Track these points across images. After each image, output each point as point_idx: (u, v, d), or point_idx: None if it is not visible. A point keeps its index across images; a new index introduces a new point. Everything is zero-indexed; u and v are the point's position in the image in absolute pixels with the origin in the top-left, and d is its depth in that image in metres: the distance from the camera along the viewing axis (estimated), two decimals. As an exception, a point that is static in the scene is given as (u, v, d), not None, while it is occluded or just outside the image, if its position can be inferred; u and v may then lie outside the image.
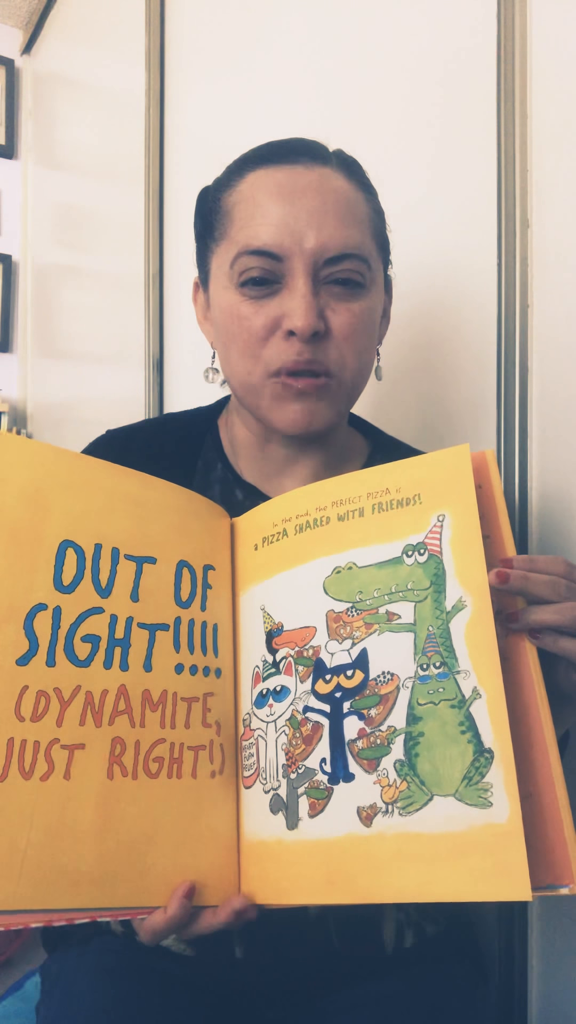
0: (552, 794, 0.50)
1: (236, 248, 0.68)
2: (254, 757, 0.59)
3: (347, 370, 0.69)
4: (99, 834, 0.51)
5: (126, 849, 0.52)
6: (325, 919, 0.68)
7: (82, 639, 0.54)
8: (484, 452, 0.60)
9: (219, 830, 0.57)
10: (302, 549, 0.61)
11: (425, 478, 0.58)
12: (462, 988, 0.69)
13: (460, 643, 0.53)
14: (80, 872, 0.50)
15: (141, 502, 0.60)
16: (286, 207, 0.66)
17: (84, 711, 0.53)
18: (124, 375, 1.66)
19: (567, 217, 0.79)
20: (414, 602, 0.55)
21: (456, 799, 0.49)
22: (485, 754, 0.50)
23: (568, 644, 0.54)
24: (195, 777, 0.57)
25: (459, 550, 0.55)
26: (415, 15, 0.96)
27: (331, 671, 0.57)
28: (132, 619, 0.57)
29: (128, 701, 0.55)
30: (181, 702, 0.58)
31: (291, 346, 0.67)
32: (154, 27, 1.51)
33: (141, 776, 0.54)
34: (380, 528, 0.58)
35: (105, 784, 0.52)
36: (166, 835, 0.54)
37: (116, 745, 0.54)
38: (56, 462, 0.58)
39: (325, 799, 0.54)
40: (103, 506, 0.58)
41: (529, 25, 0.82)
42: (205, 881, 0.55)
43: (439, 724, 0.52)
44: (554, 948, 0.82)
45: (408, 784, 0.51)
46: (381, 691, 0.54)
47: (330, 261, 0.66)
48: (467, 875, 0.48)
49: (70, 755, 0.52)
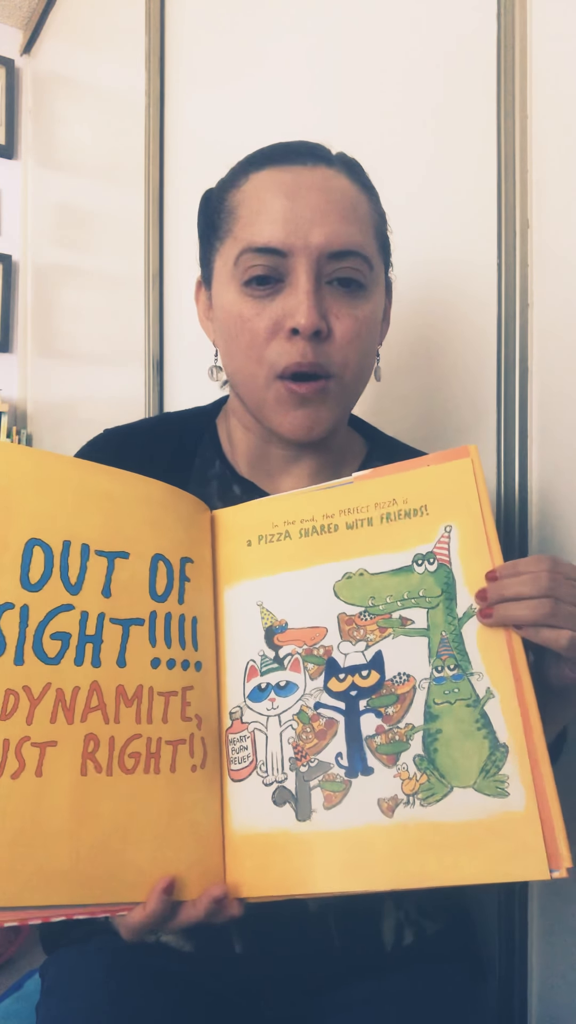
0: (541, 784, 0.53)
1: (240, 245, 0.68)
2: (248, 750, 0.60)
3: (349, 373, 0.69)
4: (73, 830, 0.51)
5: (102, 845, 0.52)
6: (325, 916, 0.68)
7: (51, 636, 0.54)
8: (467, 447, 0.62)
9: (201, 824, 0.57)
10: (309, 552, 0.63)
11: (431, 490, 0.62)
12: (462, 987, 0.70)
13: (472, 647, 0.57)
14: (54, 869, 0.50)
15: (112, 497, 0.60)
16: (290, 204, 0.67)
17: (55, 708, 0.53)
18: (124, 375, 1.66)
19: (567, 217, 0.79)
20: (427, 608, 0.59)
21: (475, 790, 0.53)
22: (501, 748, 0.54)
23: (548, 634, 0.55)
24: (174, 771, 0.57)
25: (467, 560, 0.59)
26: (415, 15, 0.96)
27: (345, 670, 0.59)
28: (104, 615, 0.57)
29: (101, 697, 0.55)
30: (158, 697, 0.58)
31: (294, 346, 0.67)
32: (154, 27, 1.51)
33: (116, 772, 0.54)
34: (389, 537, 0.62)
35: (79, 780, 0.53)
36: (144, 830, 0.54)
37: (89, 741, 0.54)
38: (21, 462, 0.57)
39: (343, 791, 0.56)
40: (72, 503, 0.58)
41: (529, 25, 0.82)
42: (186, 875, 0.55)
43: (456, 722, 0.56)
44: (554, 948, 0.83)
45: (428, 777, 0.55)
46: (398, 691, 0.58)
47: (333, 257, 0.67)
48: (488, 859, 0.52)
49: (41, 752, 0.52)
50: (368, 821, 0.55)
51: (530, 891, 0.85)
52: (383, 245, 0.73)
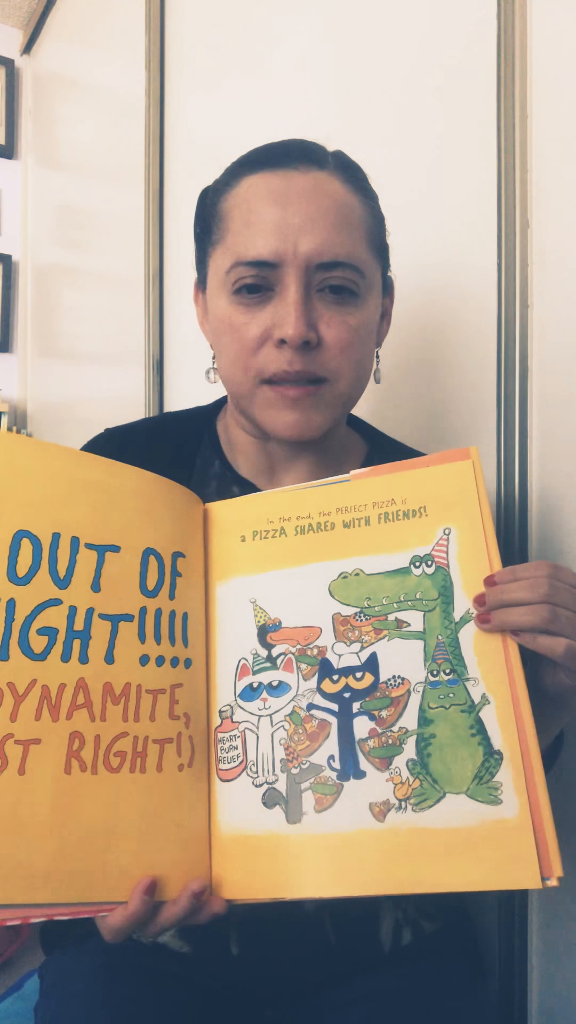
0: (535, 792, 0.52)
1: (231, 258, 0.68)
2: (238, 750, 0.59)
3: (343, 379, 0.69)
4: (55, 829, 0.51)
5: (85, 844, 0.52)
6: (321, 917, 0.68)
7: (38, 632, 0.53)
8: (468, 449, 0.62)
9: (187, 824, 0.56)
10: (304, 550, 0.63)
11: (431, 491, 0.61)
12: (461, 986, 0.70)
13: (469, 652, 0.57)
14: (35, 867, 0.50)
15: (104, 489, 0.59)
16: (280, 212, 0.66)
17: (40, 705, 0.52)
18: (124, 375, 1.66)
19: (567, 217, 0.79)
20: (423, 611, 0.58)
21: (468, 796, 0.53)
22: (495, 755, 0.54)
23: (545, 641, 0.55)
24: (160, 771, 0.56)
25: (465, 564, 0.59)
26: (415, 15, 0.96)
27: (339, 672, 0.59)
28: (93, 610, 0.56)
29: (88, 695, 0.54)
30: (146, 694, 0.57)
31: (282, 354, 0.66)
32: (154, 28, 1.51)
33: (101, 771, 0.53)
34: (386, 538, 0.61)
35: (62, 779, 0.52)
36: (128, 830, 0.53)
37: (74, 740, 0.53)
38: (11, 451, 0.56)
39: (334, 795, 0.55)
40: (62, 494, 0.57)
41: (529, 25, 0.82)
42: (170, 876, 0.54)
43: (450, 727, 0.55)
44: (554, 948, 0.83)
45: (421, 782, 0.54)
46: (392, 694, 0.57)
47: (323, 267, 0.66)
48: (480, 866, 0.51)
49: (25, 750, 0.51)
50: (359, 825, 0.54)
51: (530, 891, 0.85)
52: (379, 249, 0.72)
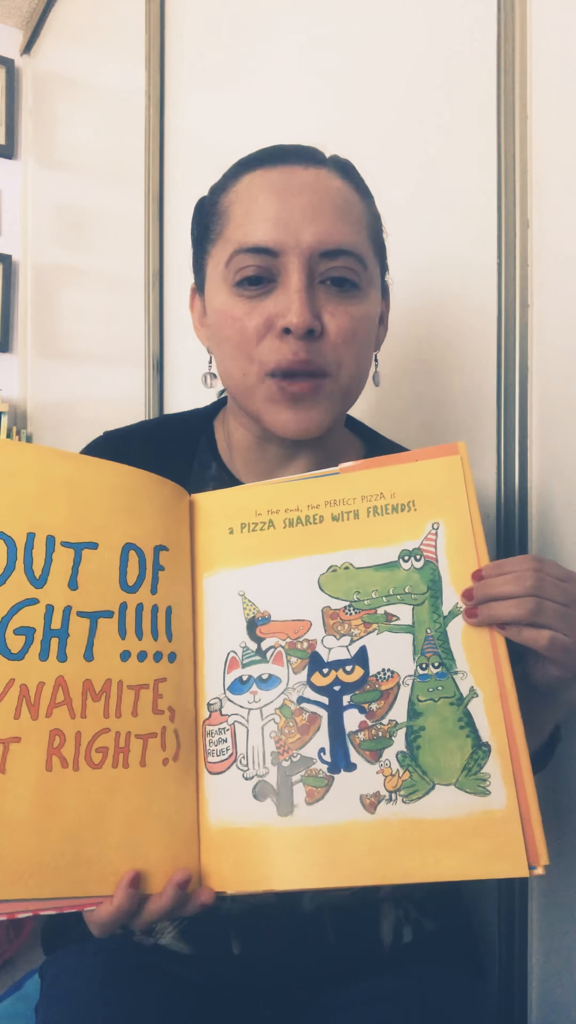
0: (522, 783, 0.54)
1: (232, 246, 0.68)
2: (227, 743, 0.59)
3: (344, 372, 0.69)
4: (38, 825, 0.51)
5: (68, 840, 0.52)
6: (321, 916, 0.68)
7: (15, 632, 0.54)
8: (456, 444, 0.63)
9: (173, 818, 0.57)
10: (293, 543, 0.63)
11: (419, 485, 0.62)
12: (461, 986, 0.70)
13: (457, 646, 0.58)
14: (19, 863, 0.50)
15: (80, 486, 0.59)
16: (282, 203, 0.66)
17: (19, 704, 0.53)
18: (124, 375, 1.66)
19: (567, 217, 0.79)
20: (412, 605, 0.59)
21: (456, 788, 0.54)
22: (483, 747, 0.55)
23: (530, 634, 0.56)
24: (144, 765, 0.56)
25: (454, 558, 0.59)
26: (415, 15, 0.96)
27: (329, 665, 0.59)
28: (71, 608, 0.56)
29: (67, 692, 0.55)
30: (128, 690, 0.57)
31: (286, 345, 0.66)
32: (154, 28, 1.51)
33: (83, 767, 0.54)
34: (375, 532, 0.61)
35: (43, 776, 0.52)
36: (112, 825, 0.54)
37: (55, 737, 0.53)
38: None
39: (325, 787, 0.56)
40: (35, 494, 0.57)
41: (529, 25, 0.82)
42: (156, 869, 0.54)
43: (439, 719, 0.56)
44: (554, 948, 0.82)
45: (411, 774, 0.55)
46: (382, 687, 0.58)
47: (326, 256, 0.66)
48: (469, 856, 0.52)
49: (5, 749, 0.52)
50: (350, 817, 0.55)
51: (530, 891, 0.84)
52: (378, 246, 0.73)
